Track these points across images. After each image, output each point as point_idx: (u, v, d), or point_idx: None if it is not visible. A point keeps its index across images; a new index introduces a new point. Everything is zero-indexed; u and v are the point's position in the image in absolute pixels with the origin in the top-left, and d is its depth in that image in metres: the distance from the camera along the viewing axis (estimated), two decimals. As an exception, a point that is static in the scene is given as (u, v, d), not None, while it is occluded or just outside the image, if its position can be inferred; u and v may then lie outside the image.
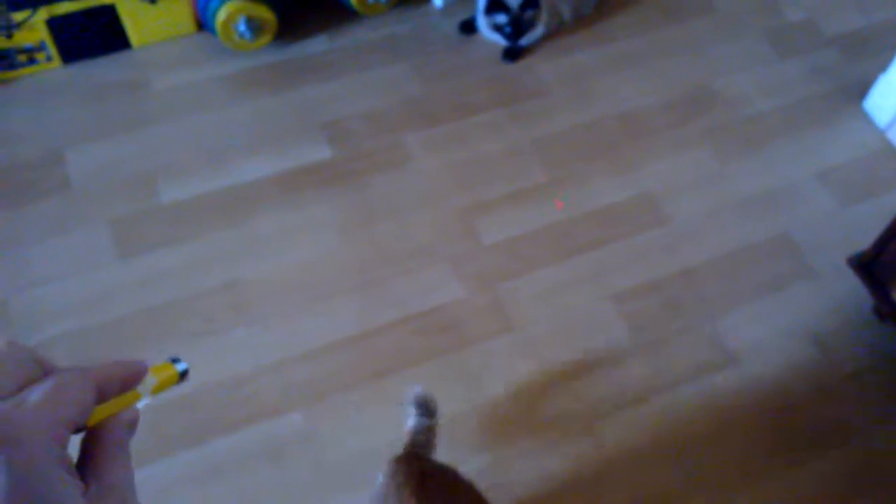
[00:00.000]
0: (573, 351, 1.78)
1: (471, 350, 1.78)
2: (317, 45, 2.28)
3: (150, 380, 0.50)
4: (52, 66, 2.19)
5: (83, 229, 1.91)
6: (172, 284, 1.83)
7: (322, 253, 1.90)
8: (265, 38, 2.22)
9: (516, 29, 2.19)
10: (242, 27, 2.13)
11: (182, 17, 2.23)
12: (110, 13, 2.13)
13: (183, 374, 0.53)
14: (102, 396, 0.46)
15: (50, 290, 1.81)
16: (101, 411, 0.46)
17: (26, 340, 1.74)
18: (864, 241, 1.84)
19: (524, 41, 2.26)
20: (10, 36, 2.06)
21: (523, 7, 2.17)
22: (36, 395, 0.41)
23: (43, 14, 2.06)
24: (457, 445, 1.61)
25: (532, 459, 1.64)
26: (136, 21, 2.18)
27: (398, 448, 1.36)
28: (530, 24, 2.21)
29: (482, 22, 2.24)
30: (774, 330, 1.83)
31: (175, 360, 0.54)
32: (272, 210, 1.97)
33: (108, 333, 1.75)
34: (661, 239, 1.96)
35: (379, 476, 1.29)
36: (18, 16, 2.04)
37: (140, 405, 0.49)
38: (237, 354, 1.74)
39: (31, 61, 2.14)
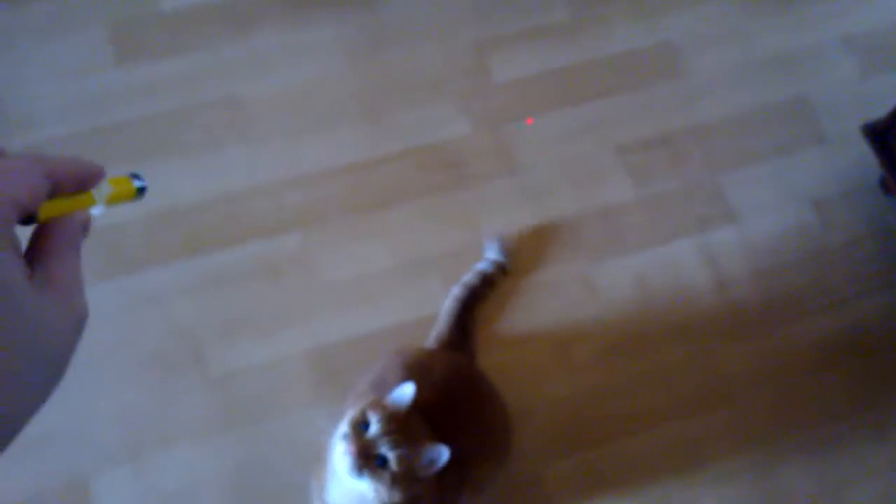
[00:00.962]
0: (574, 198, 1.77)
1: (471, 189, 1.76)
2: None
3: (107, 188, 0.50)
4: None
5: (82, 31, 1.83)
6: (170, 95, 1.78)
7: (326, 76, 1.84)
8: None
9: None
10: None
11: None
12: None
13: (140, 191, 0.53)
14: (56, 189, 0.45)
15: (47, 91, 1.76)
16: (54, 208, 0.45)
17: (23, 140, 1.70)
18: (880, 112, 1.80)
19: None
20: None
21: None
22: None
23: None
24: (451, 284, 1.61)
25: (525, 298, 1.66)
26: None
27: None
28: None
29: None
30: (777, 192, 1.82)
31: (135, 176, 0.53)
32: (277, 26, 1.88)
33: (105, 139, 1.72)
34: (676, 92, 1.91)
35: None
36: None
37: (95, 212, 0.48)
38: (233, 172, 1.72)
39: None
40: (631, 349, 1.63)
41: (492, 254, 1.65)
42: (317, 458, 1.17)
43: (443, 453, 1.03)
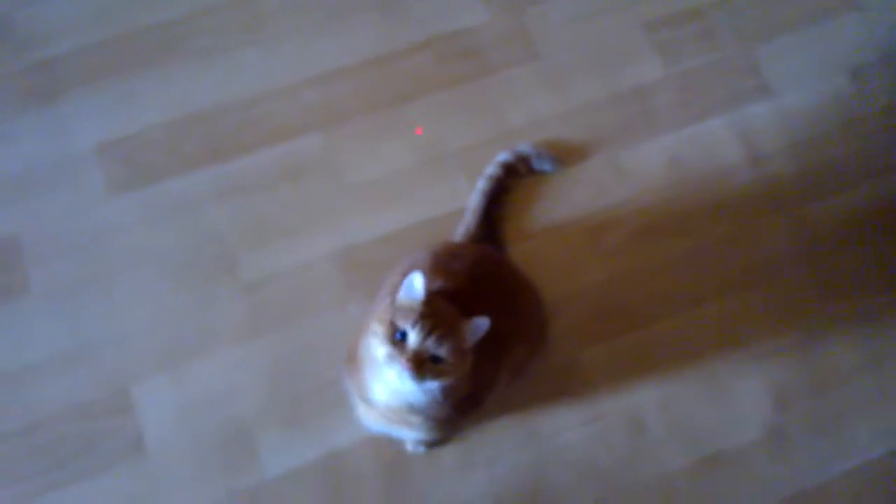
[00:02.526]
0: (600, 81, 1.70)
1: (494, 78, 1.70)
2: None
3: None
4: None
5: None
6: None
7: (337, -32, 1.77)
8: None
9: None
10: None
11: None
12: None
13: None
14: None
15: (53, 6, 1.71)
16: None
17: (34, 57, 1.67)
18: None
19: None
20: None
21: None
22: None
23: None
24: (477, 178, 1.58)
25: (554, 188, 1.63)
26: None
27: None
28: None
29: None
30: (813, 62, 1.74)
31: None
32: (282, -80, 1.80)
33: (115, 48, 1.67)
34: (704, -39, 1.81)
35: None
36: None
37: None
38: (248, 75, 1.67)
39: None
40: (665, 231, 1.60)
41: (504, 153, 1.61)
42: (350, 358, 1.17)
43: (484, 323, 1.03)
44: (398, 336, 1.03)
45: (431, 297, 1.05)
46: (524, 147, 1.60)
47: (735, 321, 1.54)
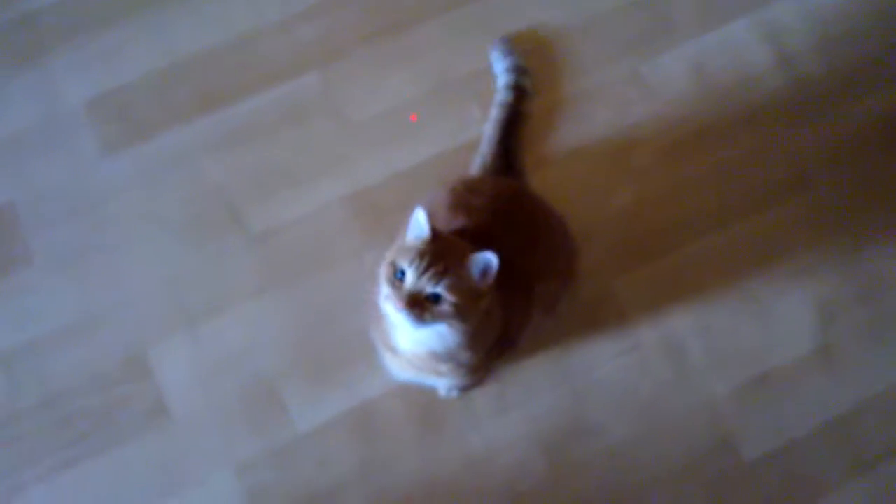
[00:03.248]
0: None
1: (497, -5, 1.59)
2: None
3: None
4: None
5: None
6: (156, -61, 1.61)
7: None
8: None
9: None
10: None
11: None
12: None
13: None
14: None
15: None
16: None
17: (14, 11, 1.57)
18: None
19: None
20: None
21: None
22: None
23: None
24: (488, 103, 1.49)
25: (572, 109, 1.53)
26: None
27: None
28: None
29: None
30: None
31: None
32: None
33: (99, 6, 1.58)
34: None
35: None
36: None
37: None
38: (236, 14, 1.58)
39: None
40: (694, 146, 1.51)
41: (500, 63, 1.51)
42: (372, 307, 1.10)
43: (489, 258, 0.95)
44: (399, 276, 0.96)
45: (438, 234, 0.98)
46: (511, 58, 1.50)
47: (771, 237, 1.46)
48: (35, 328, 1.40)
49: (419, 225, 0.98)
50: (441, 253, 0.96)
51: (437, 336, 1.00)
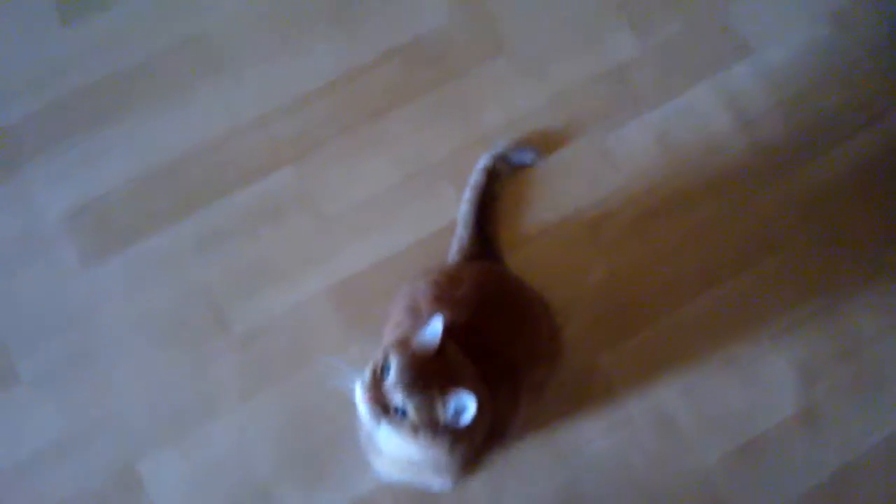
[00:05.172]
0: (574, 65, 1.63)
1: (466, 78, 1.63)
2: None
3: None
4: None
5: (15, -3, 1.68)
6: (127, 46, 1.64)
7: (288, -12, 1.69)
8: None
9: None
10: None
11: None
12: None
13: None
14: None
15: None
16: None
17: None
18: None
19: None
20: None
21: None
22: None
23: None
24: (464, 186, 1.51)
25: (542, 186, 1.56)
26: None
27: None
28: None
29: None
30: (789, 12, 1.67)
31: None
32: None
33: (68, 108, 1.59)
34: (664, -76, 1.73)
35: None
36: None
37: None
38: (211, 115, 1.60)
39: None
40: (664, 214, 1.54)
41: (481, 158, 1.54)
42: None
43: (468, 403, 0.92)
44: (386, 370, 0.96)
45: (445, 349, 0.98)
46: (499, 145, 1.53)
47: (749, 299, 1.49)
48: (25, 446, 1.40)
49: (433, 333, 0.97)
50: (432, 370, 0.95)
51: (413, 450, 1.00)
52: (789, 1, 1.68)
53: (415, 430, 0.95)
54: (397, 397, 0.94)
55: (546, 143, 1.58)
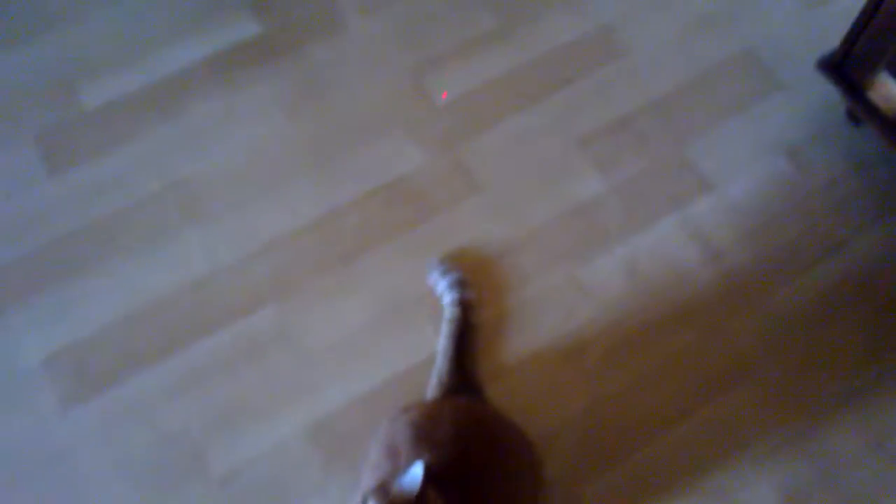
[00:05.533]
0: (544, 203, 1.71)
1: (440, 219, 1.69)
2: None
3: None
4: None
5: (5, 150, 1.76)
6: (111, 194, 1.70)
7: (268, 135, 1.78)
8: None
9: None
10: None
11: None
12: None
13: None
14: None
15: (-18, 218, 1.68)
16: None
17: (-32, 275, 1.63)
18: (832, 43, 1.75)
19: None
20: None
21: None
22: None
23: None
24: (440, 318, 1.55)
25: (518, 318, 1.60)
26: None
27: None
28: None
29: None
30: (747, 149, 1.77)
31: None
32: (207, 97, 1.82)
33: (54, 255, 1.64)
34: (622, 72, 1.86)
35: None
36: None
37: None
38: (192, 258, 1.64)
39: None
40: (639, 343, 1.57)
41: (441, 283, 1.58)
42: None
43: None
44: None
45: (426, 494, 0.97)
46: (451, 275, 1.57)
47: (728, 426, 1.50)
48: None
49: (413, 480, 0.97)
50: None
51: None
52: (746, 138, 1.78)
53: None
54: None
55: (520, 275, 1.63)
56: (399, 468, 1.00)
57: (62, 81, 1.83)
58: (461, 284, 1.56)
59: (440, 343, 1.51)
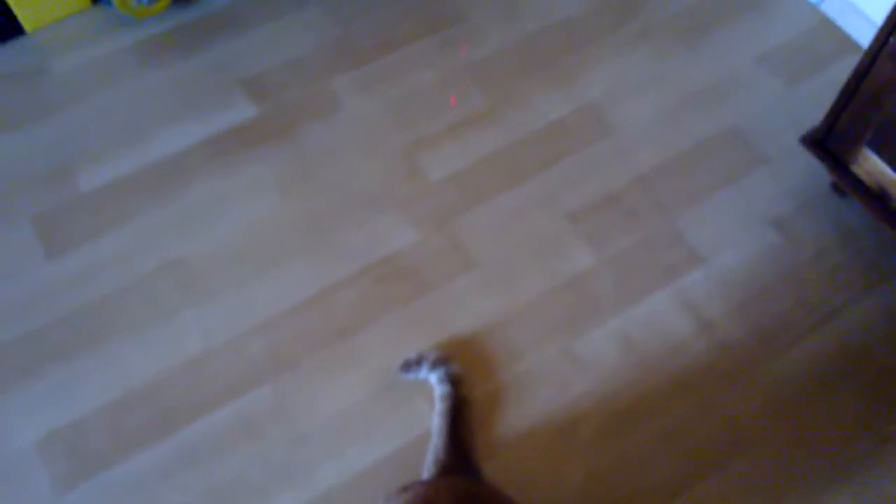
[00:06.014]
0: (537, 278, 1.72)
1: (434, 294, 1.71)
2: (218, 0, 2.14)
3: None
4: (-62, 63, 2.02)
5: (4, 232, 1.78)
6: (108, 275, 1.72)
7: (264, 215, 1.80)
8: (164, 1, 2.07)
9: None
10: (138, -9, 1.99)
11: (72, -9, 2.07)
12: (-4, -1, 1.97)
13: None
14: None
15: (-22, 300, 1.69)
16: None
17: (-37, 358, 1.63)
18: (814, 118, 1.80)
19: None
20: None
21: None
22: None
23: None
24: (429, 396, 1.55)
25: (513, 393, 1.59)
26: (25, 4, 2.01)
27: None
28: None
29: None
30: (735, 222, 1.80)
31: None
32: (204, 179, 1.85)
33: (50, 336, 1.64)
34: (610, 149, 1.90)
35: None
36: None
37: None
38: (188, 338, 1.65)
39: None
40: (634, 416, 1.57)
41: (423, 367, 1.58)
42: None
43: None
44: None
45: None
46: (427, 358, 1.58)
47: (725, 500, 1.48)
48: None
49: None
50: None
51: None
52: (735, 211, 1.81)
53: None
54: None
55: (514, 350, 1.63)
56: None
57: (60, 164, 1.87)
58: (441, 361, 1.57)
59: (434, 420, 1.51)
